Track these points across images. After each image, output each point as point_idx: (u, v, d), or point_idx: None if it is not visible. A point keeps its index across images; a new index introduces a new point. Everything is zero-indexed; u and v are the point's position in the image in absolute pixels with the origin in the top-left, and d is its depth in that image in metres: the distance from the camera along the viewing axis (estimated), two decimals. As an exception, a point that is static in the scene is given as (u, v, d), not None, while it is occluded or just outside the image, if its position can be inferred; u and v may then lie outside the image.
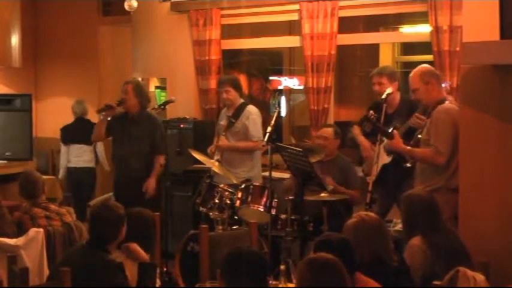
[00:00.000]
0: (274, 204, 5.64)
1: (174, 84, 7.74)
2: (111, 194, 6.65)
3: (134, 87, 6.35)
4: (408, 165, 5.10)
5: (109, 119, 6.43)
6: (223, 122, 6.43)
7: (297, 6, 6.80)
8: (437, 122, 4.87)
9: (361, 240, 3.66)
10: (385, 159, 5.46)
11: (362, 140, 5.79)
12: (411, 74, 5.08)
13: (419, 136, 5.05)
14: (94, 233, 4.00)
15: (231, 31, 7.66)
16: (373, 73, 5.78)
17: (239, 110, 6.40)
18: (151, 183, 6.25)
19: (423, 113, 5.10)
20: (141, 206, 4.41)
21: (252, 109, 6.43)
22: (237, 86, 6.46)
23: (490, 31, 4.28)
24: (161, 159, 6.26)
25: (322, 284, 2.98)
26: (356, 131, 5.90)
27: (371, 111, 5.20)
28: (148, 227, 4.18)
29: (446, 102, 4.96)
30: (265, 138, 5.44)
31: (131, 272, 3.96)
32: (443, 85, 5.13)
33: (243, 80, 8.15)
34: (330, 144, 5.98)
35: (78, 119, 8.11)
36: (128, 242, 4.07)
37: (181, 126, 7.13)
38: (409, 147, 5.02)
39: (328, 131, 6.05)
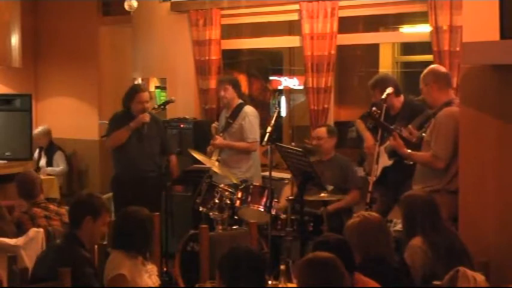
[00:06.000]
0: (274, 204, 5.65)
1: (174, 84, 7.73)
2: (110, 194, 6.61)
3: None
4: (410, 162, 5.14)
5: (110, 120, 6.46)
6: (214, 124, 6.50)
7: (297, 6, 6.79)
8: (440, 126, 4.90)
9: (365, 239, 3.67)
10: (386, 161, 5.46)
11: (368, 135, 5.76)
12: None
13: (424, 135, 5.06)
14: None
15: (231, 31, 7.65)
16: (368, 86, 5.76)
17: (237, 111, 6.41)
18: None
19: (424, 121, 5.12)
20: (144, 205, 4.37)
21: (249, 110, 6.42)
22: (235, 86, 6.46)
23: (490, 31, 4.27)
24: (175, 158, 6.39)
25: (322, 282, 2.98)
26: (361, 126, 5.90)
27: (374, 108, 5.21)
28: (146, 226, 4.16)
29: (453, 104, 4.97)
30: (265, 138, 5.44)
31: (131, 272, 3.96)
32: None
33: (243, 80, 8.14)
34: (324, 143, 6.07)
35: None
36: (126, 240, 4.05)
37: (181, 126, 7.14)
38: (409, 151, 5.04)
39: (321, 131, 6.12)
